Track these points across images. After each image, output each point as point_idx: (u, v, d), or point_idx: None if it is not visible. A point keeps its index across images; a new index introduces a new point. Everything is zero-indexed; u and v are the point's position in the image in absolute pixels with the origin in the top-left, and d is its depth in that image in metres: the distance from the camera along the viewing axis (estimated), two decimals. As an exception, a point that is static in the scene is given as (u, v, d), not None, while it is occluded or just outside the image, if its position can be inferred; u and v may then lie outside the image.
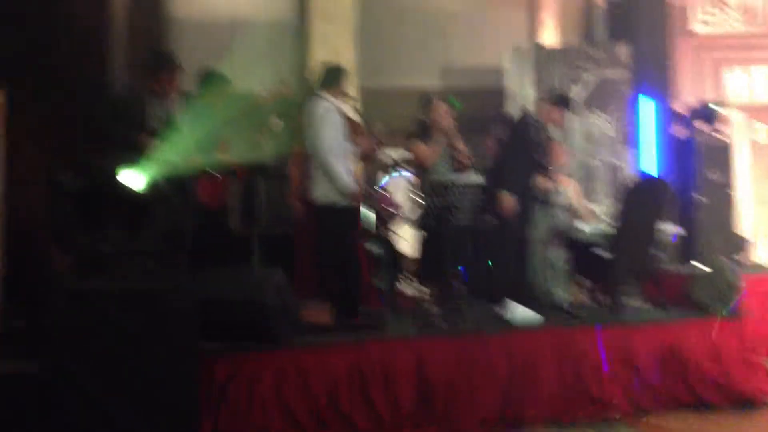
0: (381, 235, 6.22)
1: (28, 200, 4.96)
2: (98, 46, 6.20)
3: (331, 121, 5.06)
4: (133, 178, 3.74)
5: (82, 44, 4.48)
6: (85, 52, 5.40)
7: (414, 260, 5.94)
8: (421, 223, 5.34)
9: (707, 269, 5.53)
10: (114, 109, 5.17)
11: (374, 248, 6.01)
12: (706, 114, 7.25)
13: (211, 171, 5.23)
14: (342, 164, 5.03)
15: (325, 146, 4.98)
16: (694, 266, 6.11)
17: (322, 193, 5.03)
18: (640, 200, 5.52)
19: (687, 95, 8.07)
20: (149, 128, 4.86)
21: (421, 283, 6.03)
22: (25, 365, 3.80)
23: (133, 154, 3.96)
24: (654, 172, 7.45)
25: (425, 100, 5.66)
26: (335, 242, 5.00)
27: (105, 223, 3.74)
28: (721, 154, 7.08)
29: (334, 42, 7.81)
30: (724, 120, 7.27)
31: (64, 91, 4.31)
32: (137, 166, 3.79)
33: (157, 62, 5.18)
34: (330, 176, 4.97)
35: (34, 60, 3.73)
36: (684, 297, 5.35)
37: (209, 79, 5.47)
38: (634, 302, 5.48)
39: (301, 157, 5.36)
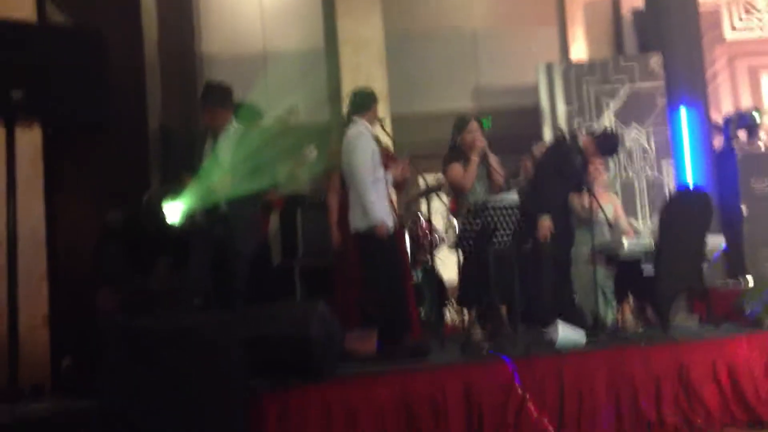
0: (423, 262, 6.17)
1: (70, 240, 5.00)
2: (134, 83, 6.28)
3: (364, 146, 5.03)
4: (178, 215, 3.75)
5: (118, 82, 4.51)
6: (122, 90, 5.43)
7: (455, 285, 5.88)
8: (460, 247, 5.24)
9: (757, 281, 5.41)
10: (173, 147, 5.11)
11: (417, 276, 5.95)
12: (745, 122, 7.14)
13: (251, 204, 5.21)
14: (376, 190, 4.96)
15: (358, 172, 4.97)
16: (743, 279, 5.98)
17: (361, 219, 5.00)
18: (681, 213, 5.39)
19: (724, 104, 7.96)
20: (199, 164, 4.76)
21: (461, 307, 5.97)
22: (74, 403, 3.82)
23: (179, 191, 3.97)
24: (694, 183, 7.32)
25: (459, 121, 5.63)
26: (378, 269, 4.96)
27: (152, 261, 3.75)
28: (762, 163, 6.96)
29: (364, 69, 7.85)
30: (763, 127, 7.14)
31: (102, 130, 4.35)
32: (182, 202, 3.80)
33: (212, 96, 5.03)
34: (363, 203, 4.94)
35: (70, 98, 3.74)
36: (735, 312, 5.23)
37: (241, 111, 5.46)
38: (684, 319, 5.37)
39: (338, 184, 5.34)
